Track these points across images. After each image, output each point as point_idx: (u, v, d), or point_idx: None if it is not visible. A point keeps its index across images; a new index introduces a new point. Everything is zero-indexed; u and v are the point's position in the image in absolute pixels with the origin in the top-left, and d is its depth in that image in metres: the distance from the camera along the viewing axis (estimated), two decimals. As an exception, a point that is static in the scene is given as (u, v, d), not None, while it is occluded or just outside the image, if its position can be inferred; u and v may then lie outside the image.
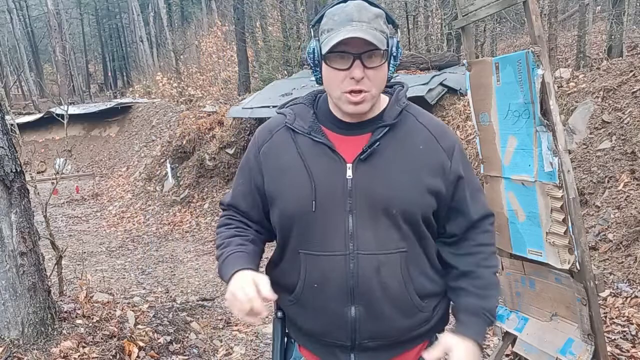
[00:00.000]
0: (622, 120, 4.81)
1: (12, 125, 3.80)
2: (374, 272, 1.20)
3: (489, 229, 1.32)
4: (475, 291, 1.27)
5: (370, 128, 1.23)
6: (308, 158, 1.23)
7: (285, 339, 1.39)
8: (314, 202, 1.20)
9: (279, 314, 1.36)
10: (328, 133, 1.24)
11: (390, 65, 1.21)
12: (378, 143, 1.21)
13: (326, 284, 1.22)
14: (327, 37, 1.16)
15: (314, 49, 1.21)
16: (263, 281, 1.16)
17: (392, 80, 1.29)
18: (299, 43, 12.98)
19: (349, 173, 1.20)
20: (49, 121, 14.80)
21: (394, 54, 1.21)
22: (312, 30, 1.26)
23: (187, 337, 3.59)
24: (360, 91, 1.16)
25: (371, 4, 1.19)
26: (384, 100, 1.27)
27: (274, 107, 1.48)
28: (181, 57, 19.79)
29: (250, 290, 1.13)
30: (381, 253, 1.20)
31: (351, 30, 1.12)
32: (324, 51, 1.17)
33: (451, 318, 1.37)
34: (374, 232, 1.20)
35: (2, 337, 2.77)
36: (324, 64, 1.19)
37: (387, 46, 1.17)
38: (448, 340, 1.23)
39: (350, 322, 1.22)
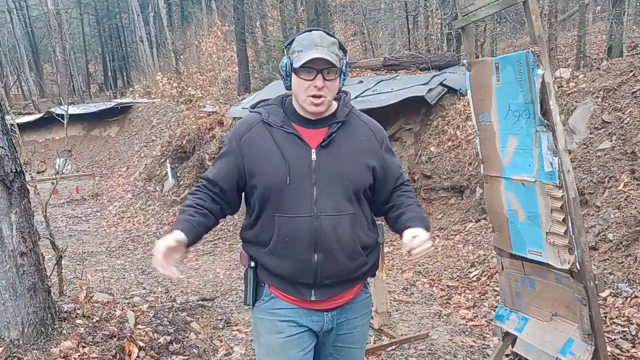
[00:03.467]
0: (622, 120, 4.81)
1: (12, 125, 3.80)
2: (332, 229, 1.64)
3: (407, 188, 1.84)
4: (412, 210, 1.76)
5: (326, 123, 1.70)
6: (282, 145, 1.66)
7: (256, 283, 1.77)
8: (288, 177, 1.63)
9: (252, 264, 1.75)
10: (296, 127, 1.69)
11: (341, 79, 1.69)
12: (334, 134, 1.69)
13: (296, 238, 1.64)
14: (298, 56, 1.62)
15: (286, 63, 1.67)
16: (174, 237, 1.58)
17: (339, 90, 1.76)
18: (299, 43, 12.92)
19: (314, 156, 1.66)
20: (49, 121, 14.79)
21: (344, 71, 1.69)
22: (284, 49, 1.72)
23: (187, 337, 3.59)
24: (320, 96, 1.62)
25: (329, 34, 1.66)
26: (334, 104, 1.74)
27: (250, 111, 1.80)
28: (181, 57, 19.77)
29: (162, 243, 1.57)
30: (337, 214, 1.65)
31: (316, 52, 1.59)
32: (295, 66, 1.61)
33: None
34: (332, 199, 1.65)
35: (2, 337, 2.77)
36: (294, 75, 1.65)
37: (340, 65, 1.64)
38: (406, 232, 1.64)
39: (314, 265, 1.66)
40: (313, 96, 1.62)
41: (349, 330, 1.80)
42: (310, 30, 1.67)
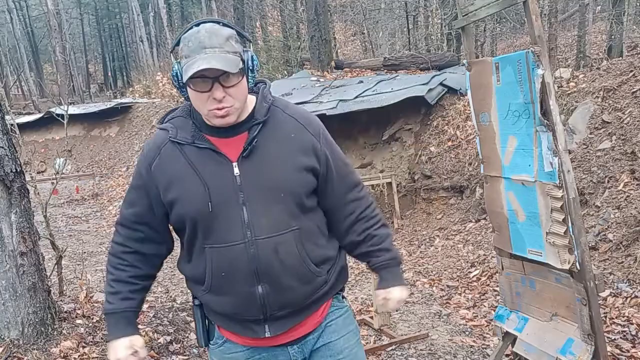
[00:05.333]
0: (622, 120, 4.81)
1: (12, 125, 3.80)
2: (273, 253, 1.37)
3: (359, 196, 1.54)
4: (376, 249, 1.54)
5: (245, 127, 1.39)
6: (197, 164, 1.37)
7: (207, 322, 1.55)
8: (209, 203, 1.36)
9: (196, 301, 1.53)
10: (210, 139, 1.39)
11: (249, 77, 1.38)
12: (256, 140, 1.38)
13: (233, 270, 1.38)
14: (185, 64, 1.30)
15: (177, 72, 1.36)
16: (133, 345, 1.43)
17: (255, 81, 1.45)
18: (299, 43, 12.99)
19: (236, 170, 1.37)
20: (49, 121, 14.78)
21: (250, 67, 1.38)
22: (171, 54, 1.43)
23: (187, 337, 3.59)
24: (224, 107, 1.32)
25: (223, 24, 1.34)
26: (252, 100, 1.43)
27: (158, 129, 1.48)
28: (181, 57, 19.74)
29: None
30: (276, 235, 1.37)
31: (205, 59, 1.26)
32: (184, 78, 1.29)
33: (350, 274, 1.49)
34: (267, 217, 1.37)
35: (2, 337, 2.77)
36: (188, 87, 1.33)
37: (243, 63, 1.33)
38: (380, 293, 1.52)
39: (259, 298, 1.40)
40: (215, 109, 1.32)
41: (334, 355, 1.53)
42: (198, 24, 1.33)
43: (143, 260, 1.50)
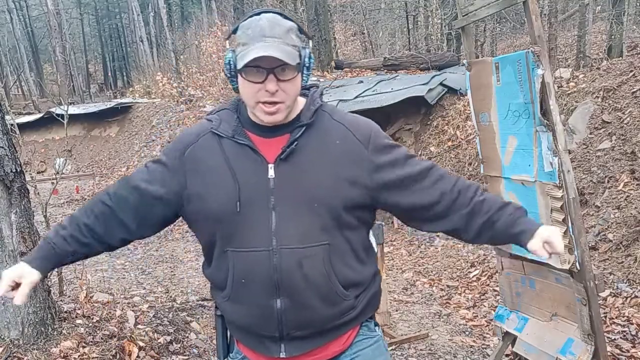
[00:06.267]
0: (622, 120, 4.80)
1: (12, 125, 3.80)
2: (296, 266, 1.26)
3: (440, 174, 1.36)
4: (494, 212, 1.32)
5: (288, 129, 1.31)
6: (232, 160, 1.30)
7: (228, 334, 1.48)
8: (238, 202, 1.27)
9: (218, 312, 1.44)
10: (251, 136, 1.32)
11: (304, 75, 1.30)
12: (296, 142, 1.29)
13: (252, 279, 1.29)
14: (242, 52, 1.23)
15: (230, 60, 1.28)
16: (25, 277, 1.31)
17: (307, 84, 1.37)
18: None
19: (271, 173, 1.28)
20: (49, 121, 14.77)
21: (307, 65, 1.30)
22: (227, 42, 1.35)
23: (187, 337, 3.59)
24: (274, 102, 1.24)
25: (284, 17, 1.27)
26: (301, 102, 1.34)
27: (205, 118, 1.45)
28: (181, 57, 19.76)
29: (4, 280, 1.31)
30: (304, 247, 1.27)
31: (264, 47, 1.20)
32: (238, 66, 1.24)
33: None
34: (297, 227, 1.27)
35: (2, 337, 2.77)
36: (239, 76, 1.27)
37: (300, 59, 1.26)
38: (535, 245, 1.28)
39: (277, 313, 1.29)
40: (265, 103, 1.24)
41: None
42: (258, 14, 1.26)
43: (110, 223, 1.37)
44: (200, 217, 1.33)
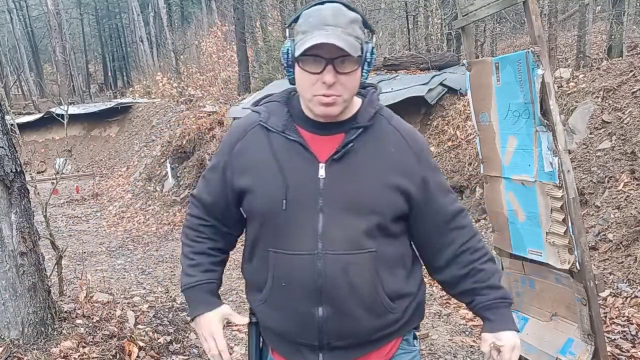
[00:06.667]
0: (622, 120, 4.80)
1: (12, 125, 3.80)
2: (342, 272, 1.20)
3: (462, 224, 1.33)
4: (483, 287, 1.30)
5: (343, 128, 1.24)
6: (281, 157, 1.24)
7: (261, 343, 1.41)
8: (284, 201, 1.21)
9: (253, 318, 1.37)
10: (302, 132, 1.25)
11: (364, 70, 1.23)
12: (352, 144, 1.22)
13: (293, 283, 1.22)
14: (301, 40, 1.17)
15: (288, 49, 1.22)
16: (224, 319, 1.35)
17: (365, 82, 1.30)
18: (299, 43, 12.93)
19: (322, 172, 1.22)
20: (49, 121, 14.79)
21: (368, 60, 1.22)
22: (287, 30, 1.27)
23: (187, 337, 3.59)
24: (331, 95, 1.18)
25: (348, 7, 1.19)
26: (357, 102, 1.29)
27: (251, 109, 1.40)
28: (181, 57, 19.78)
29: (220, 344, 1.35)
30: (350, 253, 1.21)
31: (324, 35, 1.13)
32: (296, 53, 1.17)
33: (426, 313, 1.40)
34: (344, 232, 1.21)
35: (2, 337, 2.77)
36: (296, 66, 1.21)
37: (362, 52, 1.19)
38: (488, 337, 1.29)
39: (318, 321, 1.23)
40: (322, 95, 1.18)
41: None
42: (322, 3, 1.19)
43: (221, 234, 1.38)
44: (248, 213, 1.30)
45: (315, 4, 1.20)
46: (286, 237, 1.23)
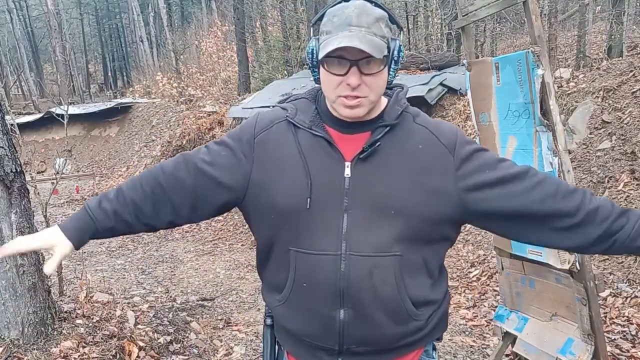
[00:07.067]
0: (622, 120, 4.81)
1: (12, 125, 3.80)
2: (366, 275, 1.15)
3: (537, 179, 1.19)
4: (614, 218, 1.19)
5: (370, 127, 1.20)
6: (306, 153, 1.19)
7: (276, 346, 1.36)
8: (309, 199, 1.16)
9: (268, 320, 1.34)
10: (329, 130, 1.21)
11: (391, 69, 1.18)
12: (379, 143, 1.18)
13: (315, 284, 1.18)
14: (325, 41, 1.13)
15: (312, 49, 1.19)
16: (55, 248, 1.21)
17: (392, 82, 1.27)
18: (299, 43, 12.99)
19: (347, 172, 1.17)
20: (49, 121, 14.80)
21: (395, 59, 1.17)
22: (312, 29, 1.24)
23: (187, 337, 3.59)
24: (356, 97, 1.14)
25: (375, 4, 1.16)
26: (384, 101, 1.24)
27: (273, 107, 1.40)
28: (181, 57, 19.80)
29: (17, 245, 1.23)
30: (375, 255, 1.16)
31: (348, 37, 1.10)
32: (320, 55, 1.14)
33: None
34: (369, 233, 1.16)
35: (2, 337, 2.77)
36: (321, 67, 1.17)
37: (388, 51, 1.15)
38: None
39: (339, 325, 1.18)
40: (346, 97, 1.15)
41: None
42: (347, 0, 1.16)
43: (160, 203, 1.25)
44: (264, 209, 1.22)
45: (340, 2, 1.17)
46: (309, 237, 1.18)
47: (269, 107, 7.89)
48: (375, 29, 1.12)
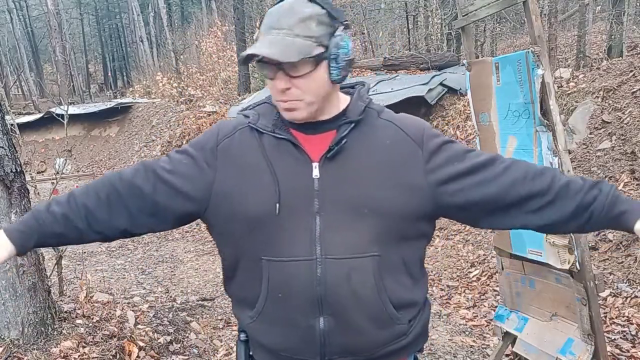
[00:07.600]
0: (622, 120, 4.81)
1: (12, 125, 3.80)
2: (344, 279, 1.10)
3: (506, 165, 1.17)
4: (585, 192, 1.12)
5: (334, 125, 1.16)
6: (272, 157, 1.14)
7: None
8: (277, 204, 1.10)
9: (242, 335, 1.26)
10: (293, 132, 1.16)
11: (332, 67, 1.10)
12: (345, 140, 1.13)
13: (291, 293, 1.11)
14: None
15: None
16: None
17: (353, 81, 1.24)
18: (299, 43, 12.95)
19: (316, 172, 1.12)
20: (49, 121, 14.79)
21: (334, 56, 1.09)
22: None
23: (187, 337, 3.59)
24: (287, 100, 1.10)
25: (313, 1, 1.09)
26: (345, 99, 1.20)
27: (237, 114, 1.31)
28: (181, 57, 19.80)
29: None
30: (352, 257, 1.10)
31: (262, 42, 1.06)
32: (239, 62, 1.13)
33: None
34: (344, 234, 1.11)
35: (2, 337, 2.77)
36: None
37: (326, 49, 1.08)
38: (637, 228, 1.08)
39: (319, 335, 1.12)
40: (280, 101, 1.12)
41: None
42: None
43: (116, 210, 1.16)
44: (229, 219, 1.15)
45: (279, 1, 1.12)
46: (280, 244, 1.12)
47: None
48: (299, 30, 1.06)
